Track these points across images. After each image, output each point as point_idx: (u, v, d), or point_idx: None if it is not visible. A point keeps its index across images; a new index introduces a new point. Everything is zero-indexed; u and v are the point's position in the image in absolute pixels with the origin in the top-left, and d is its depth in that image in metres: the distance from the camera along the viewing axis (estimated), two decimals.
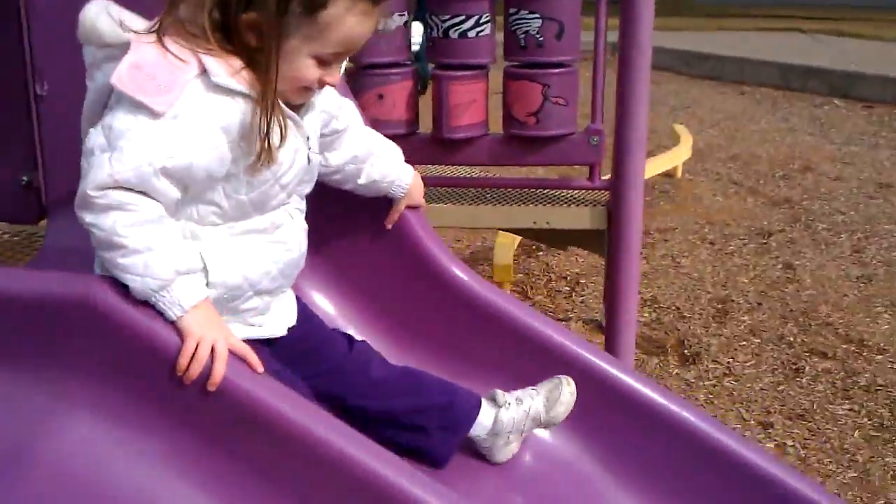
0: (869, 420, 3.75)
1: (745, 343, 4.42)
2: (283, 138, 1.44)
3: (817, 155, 7.98)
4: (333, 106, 1.74)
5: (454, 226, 3.57)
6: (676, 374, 4.14)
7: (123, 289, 1.37)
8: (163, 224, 1.35)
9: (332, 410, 1.58)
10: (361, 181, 1.84)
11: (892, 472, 3.39)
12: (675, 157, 6.56)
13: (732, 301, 4.89)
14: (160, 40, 1.36)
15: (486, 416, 1.80)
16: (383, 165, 1.84)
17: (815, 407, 3.85)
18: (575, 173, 4.47)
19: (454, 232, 5.81)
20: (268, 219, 1.54)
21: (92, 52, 1.44)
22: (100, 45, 1.41)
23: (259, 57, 1.37)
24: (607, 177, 3.04)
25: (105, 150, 1.30)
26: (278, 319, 1.67)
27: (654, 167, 6.37)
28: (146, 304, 1.37)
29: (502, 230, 4.06)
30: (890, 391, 3.96)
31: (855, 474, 3.38)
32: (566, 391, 1.83)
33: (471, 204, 3.22)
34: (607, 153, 3.01)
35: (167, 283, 1.34)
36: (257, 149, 1.40)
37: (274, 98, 1.39)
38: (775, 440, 3.61)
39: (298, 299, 1.80)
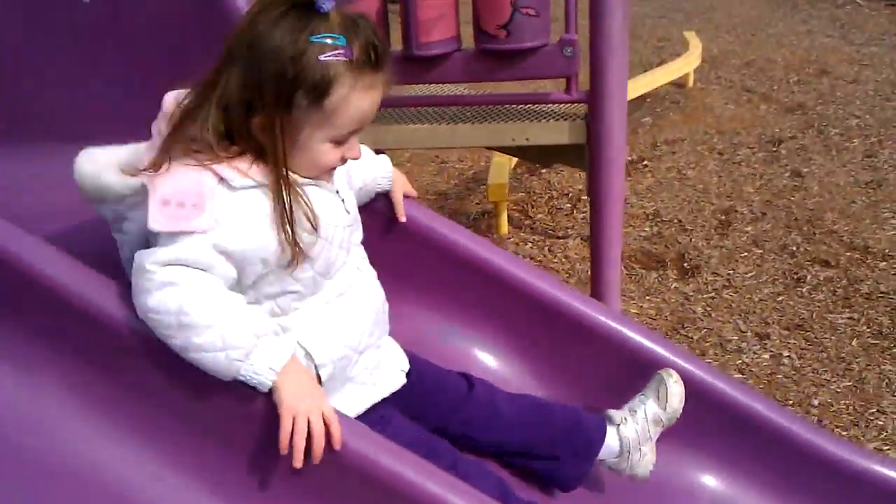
0: (868, 328, 3.69)
1: (746, 254, 4.35)
2: (314, 219, 1.42)
3: (835, 57, 7.74)
4: None
5: (433, 146, 3.50)
6: (675, 287, 4.09)
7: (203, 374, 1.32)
8: (227, 294, 1.33)
9: (463, 446, 1.63)
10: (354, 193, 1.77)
11: (887, 381, 3.34)
12: (684, 66, 6.40)
13: (736, 212, 4.80)
14: (170, 168, 1.34)
15: (611, 438, 1.80)
16: (362, 170, 1.79)
17: (813, 316, 3.80)
18: (556, 87, 4.35)
19: (458, 152, 5.75)
20: (339, 282, 1.52)
21: (111, 209, 1.44)
22: (117, 199, 1.40)
23: (269, 151, 1.36)
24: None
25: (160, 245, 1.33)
26: (392, 370, 1.66)
27: (661, 76, 6.22)
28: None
29: (485, 148, 3.99)
30: (892, 298, 3.90)
31: (849, 383, 3.35)
32: (671, 383, 1.82)
33: (448, 123, 3.15)
34: (585, 64, 2.91)
35: (250, 349, 1.29)
36: (287, 235, 1.37)
37: (289, 187, 1.37)
38: (771, 351, 3.57)
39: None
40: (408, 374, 1.71)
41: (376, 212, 2.00)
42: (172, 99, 1.42)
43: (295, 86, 1.30)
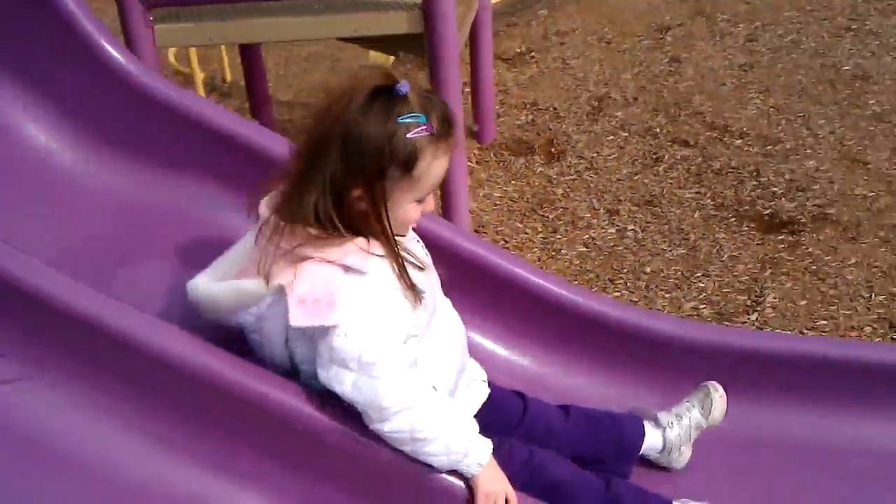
0: (712, 202, 3.93)
1: (612, 137, 4.55)
2: (423, 265, 1.64)
3: None
4: None
5: (280, 39, 3.63)
6: (540, 171, 4.29)
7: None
8: (443, 406, 1.55)
9: None
10: None
11: (718, 248, 3.59)
12: None
13: (610, 98, 4.98)
14: (297, 270, 1.51)
15: (654, 439, 2.00)
16: None
17: (664, 192, 4.02)
18: None
19: (353, 49, 5.82)
20: (438, 318, 1.72)
21: (253, 314, 1.62)
22: (255, 303, 1.60)
23: (373, 221, 1.51)
24: None
25: (360, 374, 1.47)
26: (478, 382, 1.89)
27: None
28: None
29: (334, 39, 4.08)
30: (740, 173, 4.12)
31: (683, 251, 3.59)
32: (716, 397, 2.02)
33: (294, 16, 3.26)
34: None
35: (467, 452, 1.55)
36: (410, 291, 1.55)
37: (397, 248, 1.55)
38: (618, 226, 3.80)
39: None
40: None
41: None
42: (265, 206, 1.62)
43: (390, 160, 1.47)
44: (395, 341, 1.50)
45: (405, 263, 1.56)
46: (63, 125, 2.29)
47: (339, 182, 1.48)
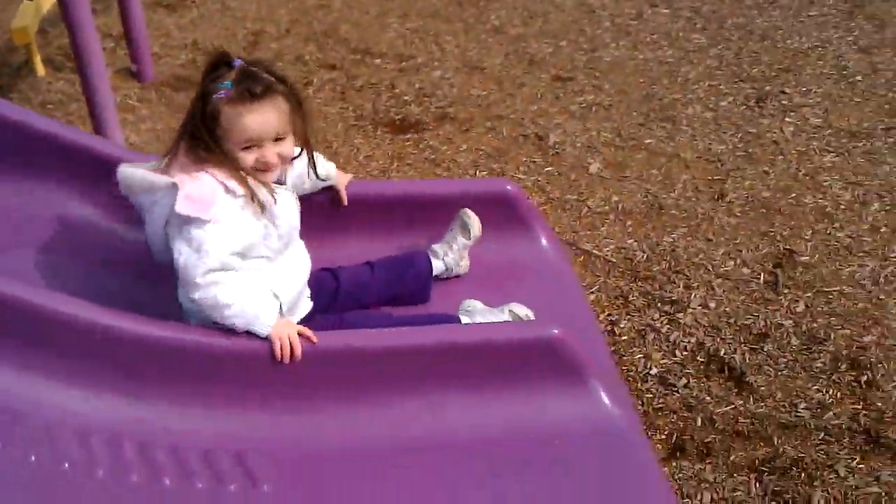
0: (353, 114, 4.41)
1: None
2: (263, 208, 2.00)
3: None
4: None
5: None
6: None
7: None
8: (242, 284, 1.92)
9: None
10: (308, 187, 2.41)
11: (356, 151, 4.07)
12: None
13: (266, 32, 5.34)
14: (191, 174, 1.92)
15: (438, 266, 2.56)
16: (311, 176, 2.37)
17: (312, 110, 4.44)
18: None
19: None
20: (291, 249, 2.14)
21: (147, 198, 1.98)
22: (151, 191, 1.95)
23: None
24: None
25: (194, 254, 1.87)
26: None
27: None
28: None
29: None
30: (378, 87, 4.64)
31: (327, 156, 4.03)
32: (471, 220, 2.56)
33: None
34: None
35: (257, 317, 1.91)
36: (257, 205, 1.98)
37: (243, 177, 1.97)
38: None
39: None
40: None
41: None
42: None
43: (203, 112, 1.95)
44: (228, 247, 1.92)
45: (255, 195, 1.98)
46: None
47: (199, 126, 1.95)
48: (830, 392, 2.70)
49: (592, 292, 3.11)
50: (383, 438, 1.86)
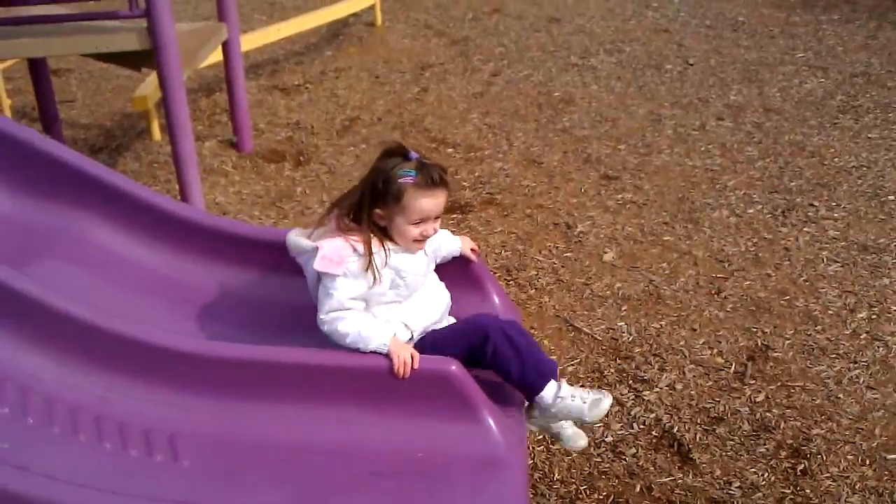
0: None
1: (353, 148, 5.50)
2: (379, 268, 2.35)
3: None
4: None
5: (31, 55, 4.43)
6: (287, 174, 5.18)
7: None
8: (357, 317, 2.30)
9: None
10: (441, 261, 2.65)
11: None
12: (353, 5, 7.50)
13: (360, 119, 5.95)
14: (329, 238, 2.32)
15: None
16: (447, 249, 2.65)
17: None
18: (122, 5, 5.15)
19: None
20: (420, 292, 2.48)
21: (302, 258, 2.42)
22: (302, 253, 2.39)
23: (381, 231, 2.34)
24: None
25: (325, 298, 2.30)
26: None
27: (331, 13, 7.31)
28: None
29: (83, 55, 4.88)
30: (460, 176, 5.10)
31: None
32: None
33: (43, 37, 4.10)
34: None
35: (371, 339, 2.26)
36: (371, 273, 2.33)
37: (376, 246, 2.32)
38: None
39: None
40: None
41: None
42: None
43: (387, 191, 2.28)
44: (348, 294, 2.30)
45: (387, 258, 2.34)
46: None
47: (365, 200, 2.31)
48: (765, 475, 2.89)
49: (572, 365, 3.41)
50: (288, 438, 2.25)
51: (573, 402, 2.42)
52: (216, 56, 5.24)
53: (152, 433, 2.24)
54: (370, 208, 2.32)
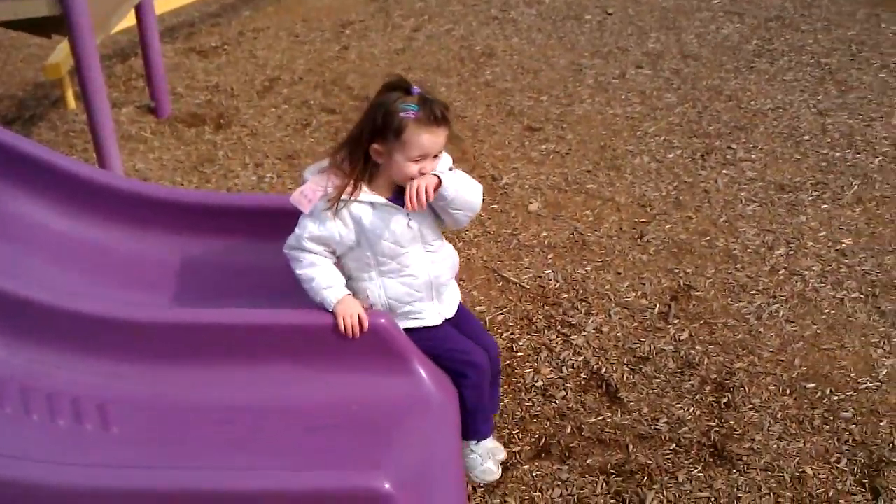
0: None
1: (274, 109, 5.43)
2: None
3: None
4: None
5: None
6: (208, 138, 5.10)
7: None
8: (317, 266, 2.30)
9: None
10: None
11: None
12: None
13: (281, 79, 5.87)
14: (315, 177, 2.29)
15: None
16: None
17: (304, 149, 4.92)
18: None
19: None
20: (404, 260, 2.36)
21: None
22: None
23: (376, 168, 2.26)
24: None
25: (295, 231, 2.29)
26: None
27: None
28: None
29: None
30: None
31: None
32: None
33: None
34: None
35: (321, 294, 2.27)
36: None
37: (353, 184, 2.26)
38: (260, 175, 4.66)
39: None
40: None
41: None
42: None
43: (388, 125, 2.19)
44: (308, 234, 2.28)
45: (373, 202, 2.27)
46: None
47: (364, 135, 2.23)
48: (691, 410, 2.97)
49: (501, 314, 3.45)
50: (221, 399, 2.24)
51: (473, 458, 2.57)
52: (130, 20, 5.13)
53: (81, 402, 2.22)
54: (368, 143, 2.24)
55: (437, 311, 2.47)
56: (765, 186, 4.26)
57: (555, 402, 3.04)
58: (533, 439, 2.90)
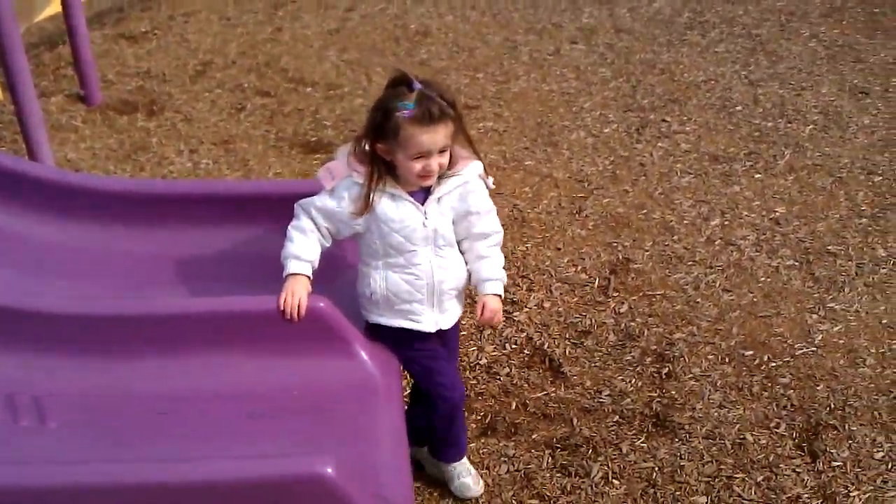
0: (275, 136, 4.80)
1: (208, 94, 5.34)
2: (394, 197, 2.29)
3: None
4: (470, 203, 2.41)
5: None
6: (141, 126, 5.00)
7: None
8: (304, 231, 2.31)
9: None
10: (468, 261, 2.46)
11: (268, 167, 4.45)
12: None
13: (213, 63, 5.77)
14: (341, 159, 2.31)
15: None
16: (476, 262, 2.46)
17: (240, 133, 4.86)
18: None
19: None
20: (413, 260, 2.33)
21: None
22: None
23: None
24: None
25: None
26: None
27: None
28: None
29: None
30: (303, 113, 5.03)
31: (241, 173, 4.43)
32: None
33: None
34: None
35: (288, 259, 2.27)
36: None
37: (373, 177, 2.24)
38: (195, 161, 4.58)
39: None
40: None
41: None
42: None
43: (383, 126, 2.17)
44: (320, 204, 2.30)
45: (393, 194, 2.27)
46: None
47: (368, 135, 2.23)
48: (633, 382, 3.01)
49: None
50: (161, 388, 2.21)
51: (450, 470, 2.64)
52: (55, 7, 5.00)
53: (15, 397, 2.17)
54: (372, 143, 2.23)
55: (434, 319, 2.45)
56: (699, 158, 4.32)
57: (499, 379, 3.05)
58: (479, 417, 2.91)
